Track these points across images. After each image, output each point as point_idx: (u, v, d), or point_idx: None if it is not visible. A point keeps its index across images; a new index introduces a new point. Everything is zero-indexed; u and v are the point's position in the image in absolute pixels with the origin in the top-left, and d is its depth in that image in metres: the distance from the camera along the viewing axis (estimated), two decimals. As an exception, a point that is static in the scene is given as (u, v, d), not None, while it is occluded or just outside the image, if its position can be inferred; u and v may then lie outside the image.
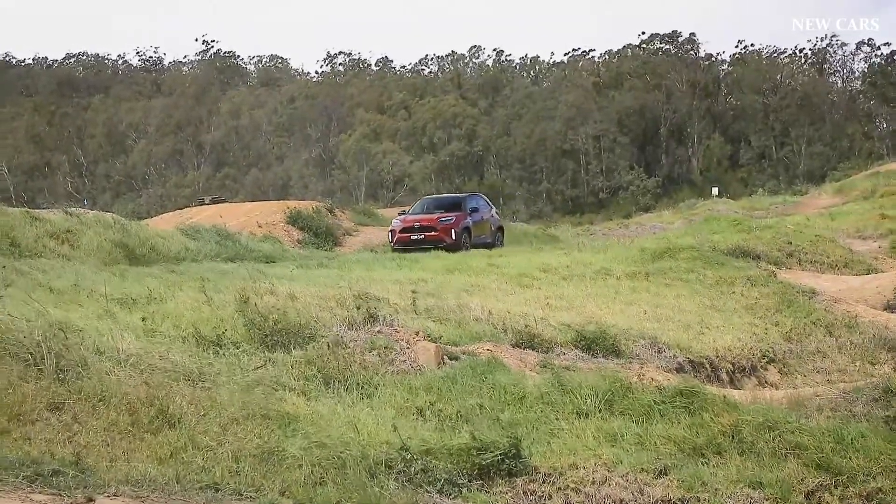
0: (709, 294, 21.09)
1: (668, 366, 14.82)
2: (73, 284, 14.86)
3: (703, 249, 25.12)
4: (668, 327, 17.08)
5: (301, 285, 16.39)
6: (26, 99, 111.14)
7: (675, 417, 10.24)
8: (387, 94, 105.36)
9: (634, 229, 48.57)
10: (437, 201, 35.31)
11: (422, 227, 31.41)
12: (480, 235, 32.41)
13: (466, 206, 33.14)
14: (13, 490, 7.79)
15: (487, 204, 35.30)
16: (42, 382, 9.96)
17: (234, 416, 9.50)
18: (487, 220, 33.83)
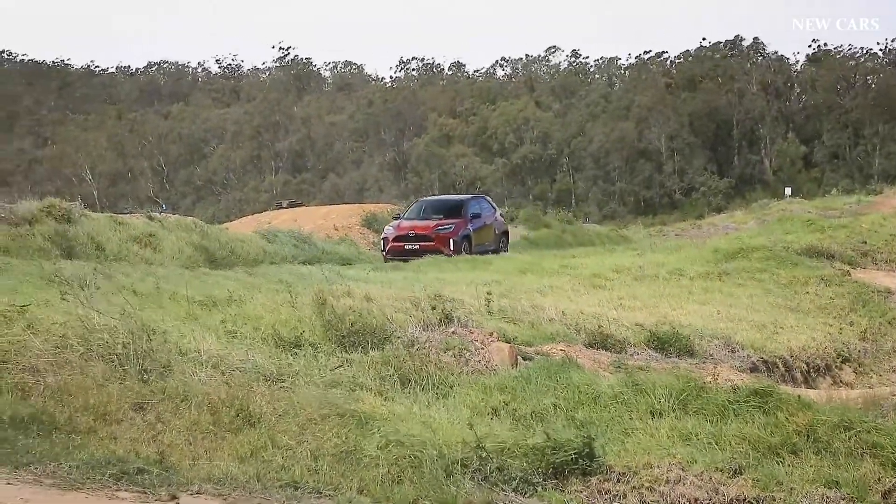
0: (782, 294, 20.86)
1: (742, 366, 14.66)
2: (156, 287, 15.04)
3: (776, 249, 24.84)
4: (741, 327, 16.90)
5: (377, 287, 16.44)
6: (109, 107, 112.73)
7: (750, 417, 10.12)
8: (459, 98, 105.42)
9: (707, 230, 48.12)
10: (435, 204, 31.73)
11: (417, 235, 28.27)
12: (483, 243, 29.49)
13: (467, 210, 29.94)
14: (100, 488, 7.90)
15: (491, 206, 32.25)
16: (127, 383, 10.10)
17: (312, 416, 9.55)
18: (490, 225, 30.89)
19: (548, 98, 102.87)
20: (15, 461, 8.33)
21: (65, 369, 10.27)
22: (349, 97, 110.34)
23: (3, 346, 10.52)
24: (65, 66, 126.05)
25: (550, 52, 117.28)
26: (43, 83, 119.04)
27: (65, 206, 25.18)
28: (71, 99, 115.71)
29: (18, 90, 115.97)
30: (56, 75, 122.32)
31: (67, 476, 8.10)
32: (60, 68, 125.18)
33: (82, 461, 8.36)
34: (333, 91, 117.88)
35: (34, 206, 24.44)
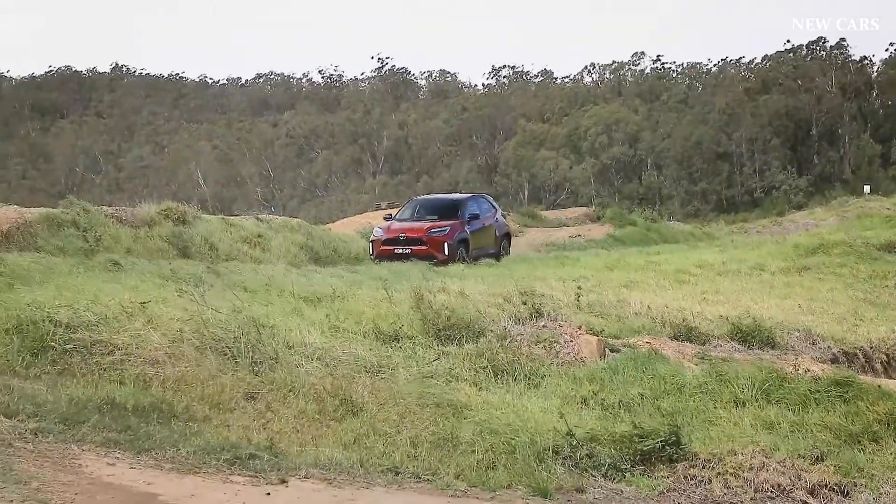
0: (862, 288, 20.44)
1: (823, 357, 14.42)
2: (265, 284, 15.21)
3: (855, 245, 24.33)
4: (821, 320, 16.60)
5: (471, 284, 16.46)
6: (221, 116, 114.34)
7: (831, 406, 9.98)
8: (549, 103, 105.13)
9: (787, 227, 47.28)
10: (430, 204, 27.64)
11: (408, 238, 24.48)
12: (482, 246, 25.88)
13: (464, 211, 26.06)
14: (215, 472, 8.02)
15: (491, 206, 28.30)
16: (239, 374, 10.25)
17: (411, 405, 9.60)
18: (490, 227, 26.98)
19: (634, 101, 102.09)
20: (138, 447, 8.49)
21: (182, 361, 10.45)
22: (443, 104, 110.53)
23: (126, 339, 10.74)
24: (180, 79, 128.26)
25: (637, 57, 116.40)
26: (160, 95, 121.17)
27: (181, 209, 25.58)
28: (185, 109, 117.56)
29: (137, 102, 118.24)
30: (172, 88, 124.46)
31: (185, 461, 8.24)
32: (176, 81, 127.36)
33: (199, 447, 8.49)
34: (428, 98, 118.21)
35: (153, 210, 24.86)
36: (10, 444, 8.24)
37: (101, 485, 7.59)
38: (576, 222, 44.59)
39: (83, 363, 10.39)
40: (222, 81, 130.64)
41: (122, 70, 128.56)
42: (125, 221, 24.13)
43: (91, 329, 10.92)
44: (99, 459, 8.16)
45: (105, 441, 8.57)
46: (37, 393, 9.47)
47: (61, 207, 25.10)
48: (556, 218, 46.62)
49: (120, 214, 25.06)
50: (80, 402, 9.34)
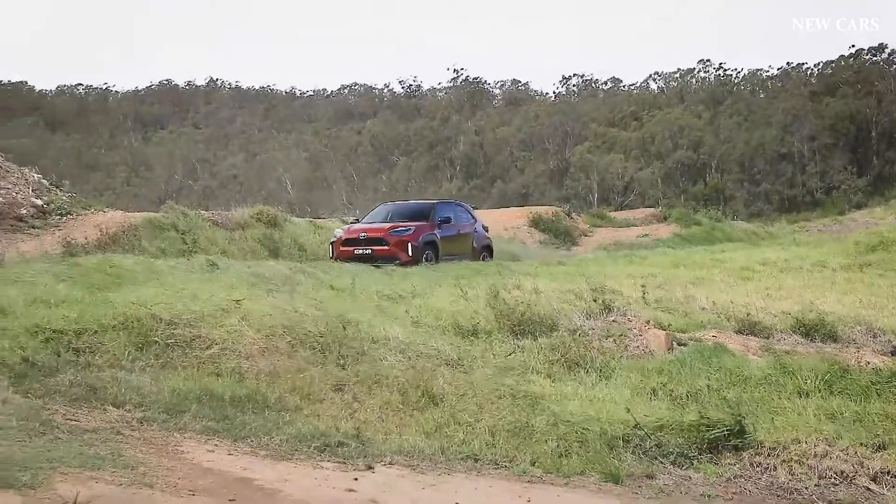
0: (921, 283, 20.02)
1: (884, 349, 14.08)
2: (350, 283, 15.31)
3: (915, 242, 23.84)
4: (882, 314, 16.25)
5: (544, 281, 16.41)
6: (308, 125, 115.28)
7: (892, 396, 9.80)
8: (617, 109, 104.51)
9: (848, 225, 46.50)
10: (400, 209, 25.27)
11: (369, 239, 22.14)
12: (456, 254, 23.24)
13: (435, 215, 23.74)
14: (307, 459, 8.12)
15: (469, 216, 25.69)
16: (327, 367, 10.35)
17: (489, 396, 9.61)
18: (467, 236, 24.52)
19: (698, 107, 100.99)
20: (234, 435, 8.62)
21: (274, 355, 10.58)
22: (516, 111, 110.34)
23: (223, 335, 10.89)
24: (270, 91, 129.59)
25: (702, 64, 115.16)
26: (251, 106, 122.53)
27: (272, 213, 25.89)
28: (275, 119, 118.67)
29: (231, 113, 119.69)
30: (263, 99, 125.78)
31: (279, 448, 8.35)
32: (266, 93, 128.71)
33: (291, 435, 8.61)
34: (502, 106, 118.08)
35: (246, 213, 25.19)
36: (118, 432, 8.41)
37: (201, 470, 7.71)
38: (643, 222, 44.27)
39: (183, 357, 10.56)
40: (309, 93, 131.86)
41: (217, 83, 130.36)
42: (220, 224, 24.50)
43: (190, 325, 11.10)
44: (199, 446, 8.30)
45: (204, 429, 8.72)
46: (142, 385, 9.65)
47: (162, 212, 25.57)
48: (624, 218, 46.35)
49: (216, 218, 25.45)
50: (182, 393, 9.51)
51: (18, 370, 9.72)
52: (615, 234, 39.34)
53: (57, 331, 10.78)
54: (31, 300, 11.90)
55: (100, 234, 23.77)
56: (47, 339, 10.61)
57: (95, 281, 13.42)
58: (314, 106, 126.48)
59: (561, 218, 41.13)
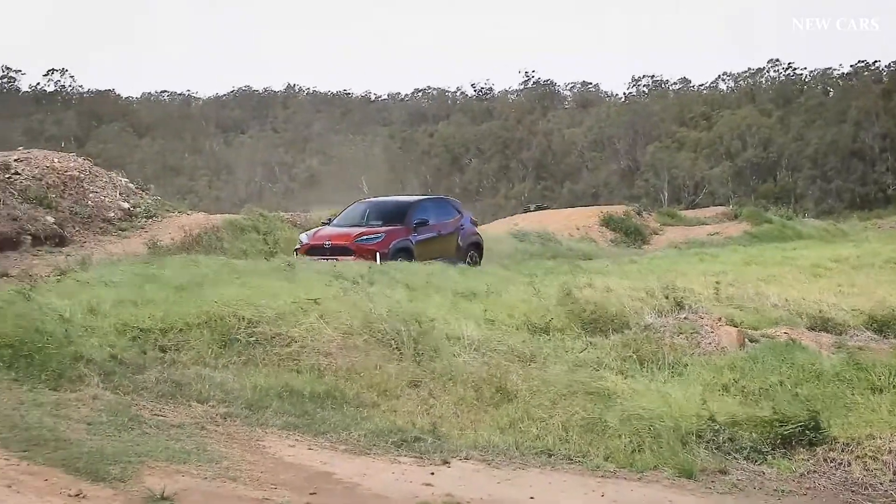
0: None
1: (958, 345, 13.81)
2: (426, 281, 15.33)
3: None
4: (956, 310, 15.90)
5: (615, 279, 16.28)
6: (383, 128, 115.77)
7: (967, 392, 9.58)
8: (686, 108, 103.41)
9: (921, 222, 45.53)
10: (375, 207, 22.21)
11: (333, 247, 19.59)
12: (435, 258, 19.89)
13: (411, 216, 20.97)
14: (384, 453, 8.16)
15: (454, 211, 22.82)
16: (403, 364, 10.39)
17: (562, 392, 9.58)
18: (449, 236, 21.74)
19: (768, 106, 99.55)
20: (314, 430, 8.70)
21: (352, 352, 10.65)
22: (587, 112, 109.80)
23: (302, 332, 10.99)
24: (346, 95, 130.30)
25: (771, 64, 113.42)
26: (328, 110, 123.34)
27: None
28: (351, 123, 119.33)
29: (308, 117, 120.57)
30: (339, 103, 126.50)
31: (357, 443, 8.41)
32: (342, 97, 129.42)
33: (369, 430, 8.66)
34: (573, 108, 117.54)
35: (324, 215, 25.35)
36: (203, 427, 8.53)
37: (283, 464, 7.79)
38: (713, 221, 43.68)
39: (264, 354, 10.68)
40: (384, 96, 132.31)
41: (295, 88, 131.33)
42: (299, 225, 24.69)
43: (271, 323, 11.22)
44: (280, 441, 8.38)
45: (285, 425, 8.81)
46: (225, 381, 9.78)
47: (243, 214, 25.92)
48: (694, 217, 45.78)
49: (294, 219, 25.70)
50: (263, 389, 9.62)
51: (107, 367, 9.90)
52: (686, 233, 38.86)
53: (144, 329, 10.98)
54: (118, 300, 12.11)
55: (183, 235, 24.15)
56: (134, 338, 10.81)
57: (179, 281, 13.60)
58: (388, 109, 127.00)
59: (631, 217, 40.80)
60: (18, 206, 24.47)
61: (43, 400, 8.86)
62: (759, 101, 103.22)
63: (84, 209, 26.45)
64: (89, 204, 26.67)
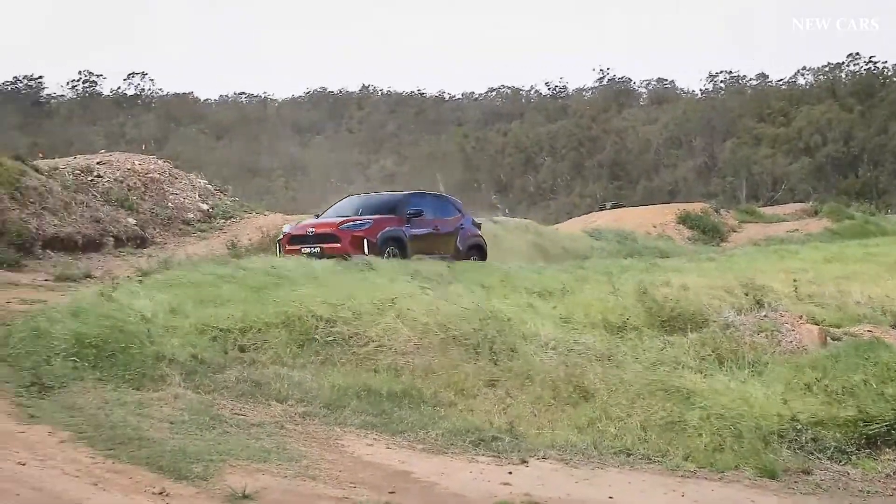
0: None
1: None
2: (501, 281, 15.30)
3: None
4: None
5: (692, 277, 16.09)
6: (457, 127, 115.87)
7: None
8: (765, 104, 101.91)
9: None
10: (368, 201, 20.90)
11: (318, 235, 18.41)
12: (433, 254, 19.05)
13: (404, 207, 19.69)
14: (462, 452, 8.17)
15: (454, 210, 21.47)
16: (479, 363, 10.39)
17: (640, 391, 9.51)
18: (448, 235, 20.40)
19: (849, 100, 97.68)
20: (392, 429, 8.74)
21: (429, 352, 10.67)
22: (662, 109, 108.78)
23: (379, 332, 11.05)
24: (420, 95, 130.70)
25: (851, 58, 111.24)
26: (402, 110, 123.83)
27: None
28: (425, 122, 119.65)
29: (383, 118, 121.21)
30: (413, 103, 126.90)
31: (435, 442, 8.43)
32: (417, 97, 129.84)
33: (446, 429, 8.68)
34: (648, 105, 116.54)
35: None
36: (282, 426, 8.62)
37: (361, 463, 7.84)
38: (793, 217, 43.06)
39: (342, 354, 10.75)
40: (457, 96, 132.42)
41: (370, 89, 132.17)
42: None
43: (348, 323, 11.29)
44: (359, 440, 8.44)
45: (363, 424, 8.87)
46: (303, 380, 9.87)
47: (318, 214, 25.99)
48: (773, 214, 45.19)
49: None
50: (341, 388, 9.69)
51: (189, 367, 10.05)
52: (764, 230, 38.37)
53: (223, 329, 11.11)
54: (198, 300, 12.26)
55: (261, 235, 24.43)
56: (215, 338, 10.95)
57: (258, 281, 13.74)
58: (462, 109, 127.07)
59: (709, 214, 40.45)
60: (101, 208, 25.01)
61: (126, 399, 9.04)
62: (840, 95, 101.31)
63: (164, 210, 26.92)
64: (169, 205, 27.14)
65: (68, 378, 9.57)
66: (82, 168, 27.20)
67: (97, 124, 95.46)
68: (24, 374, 9.71)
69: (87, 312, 11.12)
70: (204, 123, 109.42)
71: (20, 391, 9.16)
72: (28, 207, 22.37)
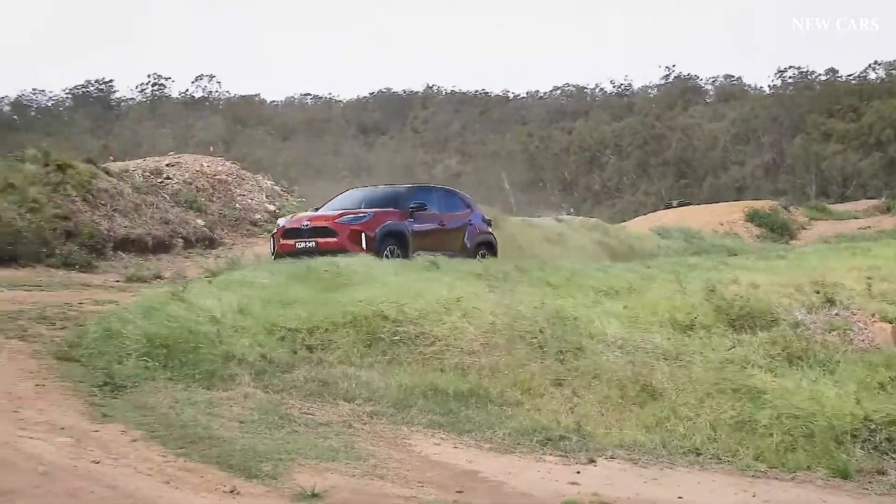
0: None
1: None
2: (566, 279, 15.24)
3: None
4: None
5: (761, 275, 15.89)
6: (522, 126, 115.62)
7: None
8: (834, 99, 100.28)
9: None
10: (370, 194, 19.77)
11: (313, 229, 17.34)
12: (438, 250, 17.48)
13: (407, 200, 18.67)
14: (529, 452, 8.16)
15: (462, 205, 20.50)
16: (546, 362, 10.36)
17: (709, 390, 9.42)
18: (456, 230, 19.40)
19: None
20: (459, 428, 8.76)
21: (495, 351, 10.67)
22: (729, 106, 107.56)
23: (445, 331, 11.06)
24: (485, 95, 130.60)
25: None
26: (467, 110, 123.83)
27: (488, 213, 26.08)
28: (489, 122, 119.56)
29: (447, 117, 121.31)
30: (477, 103, 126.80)
31: (502, 441, 8.43)
32: (481, 97, 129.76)
33: (513, 429, 8.68)
34: (715, 102, 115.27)
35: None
36: (350, 426, 8.67)
37: (429, 462, 7.86)
38: (865, 214, 42.40)
39: (408, 353, 10.78)
40: (522, 95, 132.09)
41: (434, 89, 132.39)
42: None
43: (414, 322, 11.31)
44: (426, 439, 8.46)
45: (430, 423, 8.89)
46: (370, 380, 9.92)
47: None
48: (844, 210, 44.54)
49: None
50: (408, 388, 9.73)
51: (258, 366, 10.16)
52: (835, 227, 37.83)
53: (291, 329, 11.19)
54: (266, 300, 12.36)
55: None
56: (283, 338, 11.04)
57: (324, 281, 13.82)
58: (527, 107, 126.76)
59: (778, 212, 40.00)
60: (170, 209, 25.33)
61: (197, 398, 9.15)
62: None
63: (232, 212, 27.22)
64: (237, 206, 27.44)
65: (140, 377, 9.72)
66: (152, 170, 27.59)
67: (166, 127, 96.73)
68: (97, 373, 9.87)
69: (157, 313, 11.28)
70: (270, 125, 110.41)
71: (94, 390, 9.32)
72: (99, 209, 22.71)
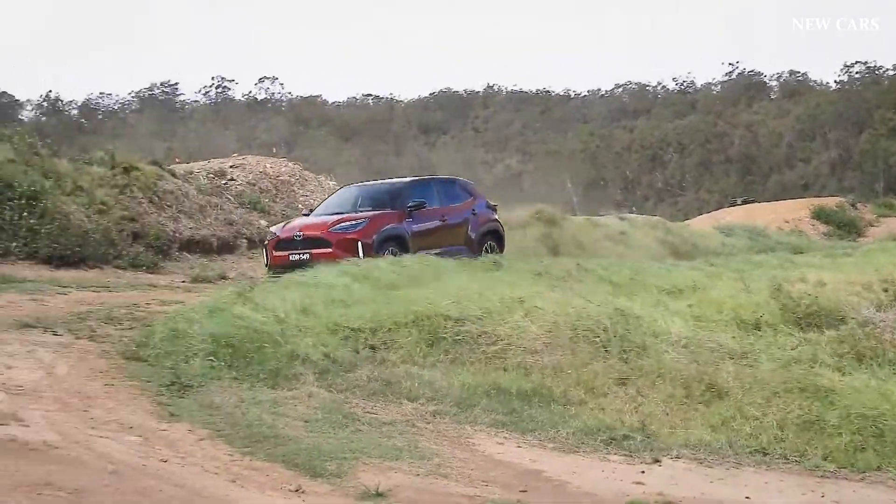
0: None
1: None
2: (630, 278, 15.16)
3: None
4: None
5: (829, 273, 15.67)
6: (583, 125, 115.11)
7: None
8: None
9: None
10: (366, 192, 18.58)
11: (306, 239, 16.56)
12: (441, 247, 17.19)
13: (405, 198, 17.75)
14: (593, 451, 8.12)
15: (464, 193, 19.47)
16: (609, 361, 10.30)
17: (775, 389, 9.28)
18: (459, 224, 18.51)
19: None
20: (522, 428, 8.74)
21: (557, 350, 10.62)
22: (794, 102, 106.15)
23: (507, 331, 11.03)
24: (546, 94, 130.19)
25: None
26: (527, 109, 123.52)
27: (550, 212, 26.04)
28: (550, 121, 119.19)
29: (508, 116, 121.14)
30: (538, 101, 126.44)
31: (565, 441, 8.40)
32: (542, 95, 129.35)
33: (577, 428, 8.64)
34: (780, 98, 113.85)
35: (526, 213, 25.43)
36: (413, 425, 8.69)
37: (492, 462, 7.85)
38: (935, 210, 41.64)
39: (471, 352, 10.78)
40: (583, 93, 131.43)
41: (494, 88, 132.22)
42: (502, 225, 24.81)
43: (476, 322, 11.30)
44: (489, 439, 8.46)
45: (493, 422, 8.88)
46: (433, 379, 9.93)
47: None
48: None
49: (497, 218, 25.78)
50: (471, 387, 9.73)
51: (321, 366, 10.22)
52: (905, 224, 37.21)
53: (354, 329, 11.25)
54: (329, 300, 12.43)
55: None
56: (346, 337, 11.09)
57: (387, 281, 13.87)
58: (588, 106, 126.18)
59: (845, 209, 39.46)
60: (234, 210, 25.59)
61: (262, 398, 9.24)
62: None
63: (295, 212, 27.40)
64: (300, 207, 27.61)
65: (206, 377, 9.84)
66: (216, 172, 27.88)
67: (229, 128, 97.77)
68: (164, 373, 10.02)
69: (222, 313, 11.41)
70: (332, 125, 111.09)
71: (161, 390, 9.45)
72: (165, 211, 23.02)
